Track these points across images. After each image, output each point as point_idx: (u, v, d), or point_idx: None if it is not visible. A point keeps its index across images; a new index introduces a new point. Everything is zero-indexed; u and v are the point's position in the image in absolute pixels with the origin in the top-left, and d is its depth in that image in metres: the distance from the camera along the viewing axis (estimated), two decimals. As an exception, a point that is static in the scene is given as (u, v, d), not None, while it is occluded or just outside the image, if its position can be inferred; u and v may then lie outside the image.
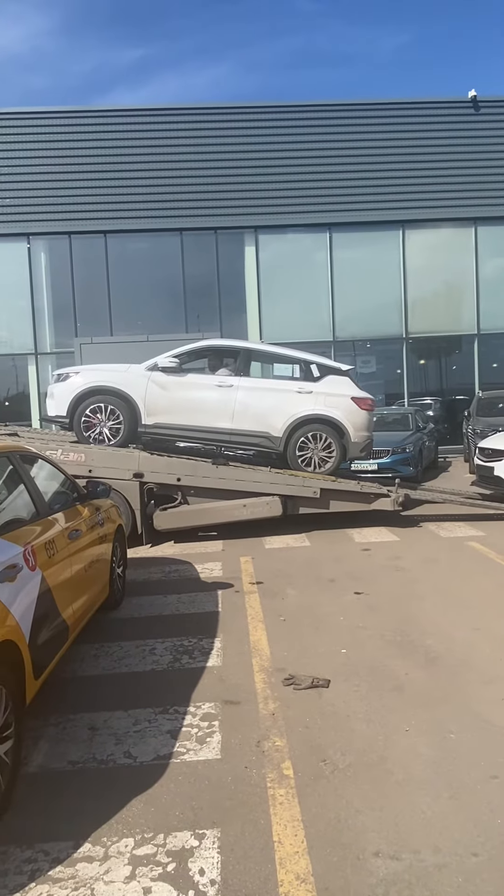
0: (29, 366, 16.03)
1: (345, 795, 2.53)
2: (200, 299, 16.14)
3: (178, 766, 2.78)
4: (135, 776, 2.71)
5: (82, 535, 4.00)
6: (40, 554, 3.19)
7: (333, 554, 6.64)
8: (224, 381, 7.79)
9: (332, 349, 15.93)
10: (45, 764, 2.85)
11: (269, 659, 3.90)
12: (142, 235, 16.00)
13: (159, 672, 3.80)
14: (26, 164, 15.36)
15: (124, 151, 15.58)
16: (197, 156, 15.69)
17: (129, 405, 7.63)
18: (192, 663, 3.89)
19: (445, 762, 2.73)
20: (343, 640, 4.17)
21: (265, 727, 3.08)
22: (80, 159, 15.43)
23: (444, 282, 16.90)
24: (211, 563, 6.36)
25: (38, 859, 2.24)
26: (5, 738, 2.53)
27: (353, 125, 16.10)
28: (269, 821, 2.39)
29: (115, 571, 4.93)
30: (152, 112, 15.86)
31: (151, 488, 7.43)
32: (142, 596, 5.33)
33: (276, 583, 5.58)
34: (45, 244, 15.97)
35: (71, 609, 3.56)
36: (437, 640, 4.09)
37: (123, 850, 2.26)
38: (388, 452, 10.21)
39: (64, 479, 4.38)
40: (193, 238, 16.13)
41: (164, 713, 3.25)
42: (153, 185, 15.60)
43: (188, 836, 2.33)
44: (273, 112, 16.05)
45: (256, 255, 16.27)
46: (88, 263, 15.89)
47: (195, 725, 3.12)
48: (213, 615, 4.77)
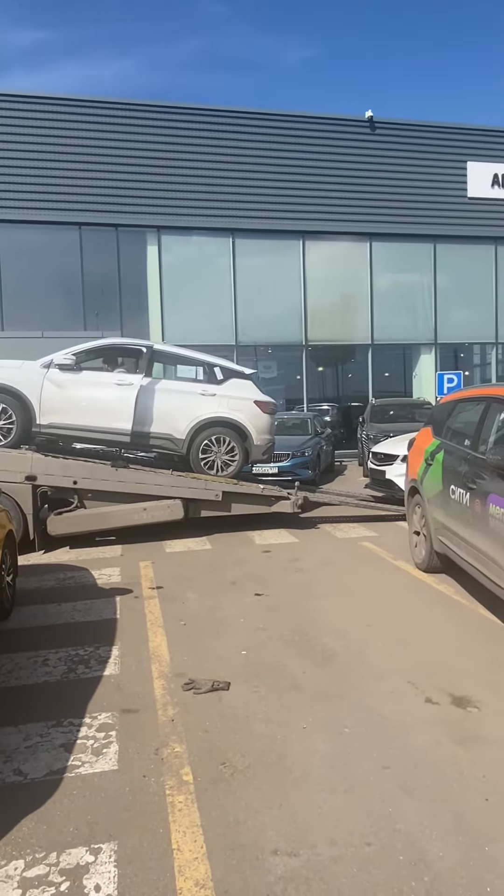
0: None
1: (244, 797, 2.54)
2: (100, 297, 15.71)
3: (72, 780, 2.67)
4: (25, 794, 2.57)
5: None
6: None
7: (234, 556, 6.68)
8: (124, 380, 7.62)
9: (235, 353, 16.07)
10: None
11: (168, 664, 3.85)
12: (37, 227, 15.33)
13: (53, 683, 3.63)
14: None
15: (20, 139, 14.87)
16: (100, 150, 15.28)
17: (22, 404, 7.27)
18: (88, 673, 3.75)
19: (340, 756, 2.82)
20: (243, 641, 4.20)
21: (164, 734, 3.03)
22: None
23: (341, 293, 17.57)
24: (109, 569, 6.19)
25: None
26: None
27: (260, 133, 16.36)
28: (167, 829, 2.35)
29: (4, 580, 4.68)
30: (56, 101, 15.26)
31: (46, 492, 7.12)
32: (34, 605, 5.08)
33: (176, 587, 5.52)
34: None
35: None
36: (333, 639, 4.22)
37: (13, 874, 2.14)
38: (288, 456, 10.44)
39: None
40: (93, 234, 15.68)
41: (57, 726, 3.11)
42: (51, 175, 15.01)
43: (83, 851, 2.24)
44: (180, 113, 15.96)
45: (159, 255, 16.10)
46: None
47: (91, 737, 3.01)
48: (111, 622, 4.64)
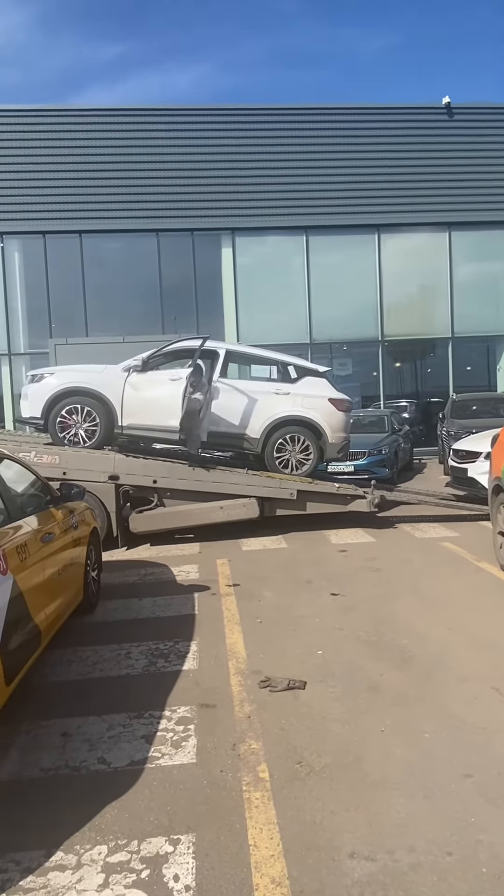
0: (2, 367, 15.80)
1: (320, 797, 2.52)
2: (177, 301, 16.08)
3: (152, 771, 2.75)
4: (109, 782, 2.68)
5: (56, 539, 3.94)
6: (12, 558, 3.13)
7: (310, 555, 6.65)
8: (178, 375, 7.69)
9: (309, 351, 16.00)
10: (16, 771, 2.80)
11: (245, 661, 3.88)
12: (118, 236, 15.89)
13: (134, 676, 3.76)
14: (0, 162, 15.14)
15: (101, 151, 15.45)
16: (174, 157, 15.64)
17: (105, 406, 7.55)
18: (168, 667, 3.85)
19: (420, 762, 2.74)
20: (319, 641, 4.17)
21: (241, 730, 3.06)
22: (55, 158, 15.27)
23: (419, 286, 17.10)
24: (187, 566, 6.33)
25: (8, 869, 2.19)
26: (-25, 746, 2.48)
27: (332, 129, 16.21)
28: (244, 824, 2.37)
29: (90, 575, 4.87)
30: (130, 112, 15.77)
31: (127, 490, 7.37)
32: (117, 599, 5.28)
33: (252, 585, 5.56)
34: (19, 244, 15.78)
35: (44, 613, 3.50)
36: (412, 641, 4.12)
37: (97, 858, 2.23)
38: (365, 454, 10.27)
39: (37, 481, 4.31)
40: (170, 239, 16.07)
41: (138, 718, 3.22)
42: (129, 185, 15.50)
43: (162, 841, 2.30)
44: (252, 114, 16.07)
45: (234, 256, 16.27)
46: (63, 264, 15.72)
47: (170, 730, 3.09)
48: (189, 618, 4.74)
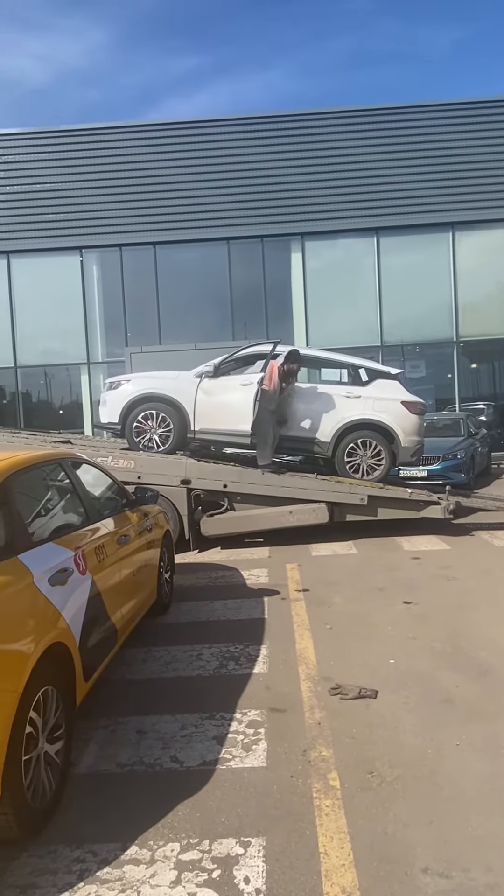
0: (81, 375, 16.47)
1: (392, 809, 2.47)
2: (247, 307, 16.24)
3: (223, 772, 2.78)
4: (181, 781, 2.73)
5: (131, 541, 4.07)
6: (90, 558, 3.26)
7: (382, 562, 6.53)
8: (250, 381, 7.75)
9: (380, 354, 15.74)
10: (93, 765, 2.90)
11: (315, 667, 3.86)
12: (190, 245, 16.24)
13: (206, 677, 3.82)
14: (79, 179, 15.82)
15: (173, 164, 15.86)
16: (243, 165, 15.83)
17: (178, 412, 7.73)
18: (238, 670, 3.89)
19: (498, 779, 2.64)
20: (392, 650, 4.09)
21: (311, 736, 3.05)
22: (131, 173, 15.81)
23: (497, 283, 16.47)
24: (257, 570, 6.36)
25: (86, 859, 2.28)
26: (56, 738, 2.59)
27: (401, 127, 15.92)
28: (314, 831, 2.36)
29: (163, 577, 4.99)
30: (198, 124, 16.10)
31: (199, 494, 7.50)
32: (189, 601, 5.38)
33: (322, 590, 5.53)
34: (97, 257, 16.42)
35: (120, 613, 3.62)
36: (490, 653, 3.96)
37: (169, 855, 2.28)
38: (439, 459, 9.99)
39: (113, 485, 4.47)
40: (240, 247, 16.26)
41: (210, 719, 3.27)
42: (201, 195, 15.81)
43: (233, 843, 2.33)
44: (319, 118, 16.05)
45: (303, 261, 16.27)
46: (138, 274, 16.23)
47: (241, 732, 3.12)
48: (260, 622, 4.77)
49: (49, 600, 2.67)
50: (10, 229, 15.85)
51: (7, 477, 2.84)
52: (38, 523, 3.12)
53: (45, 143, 15.98)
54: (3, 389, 16.87)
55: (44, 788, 2.46)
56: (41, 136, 16.04)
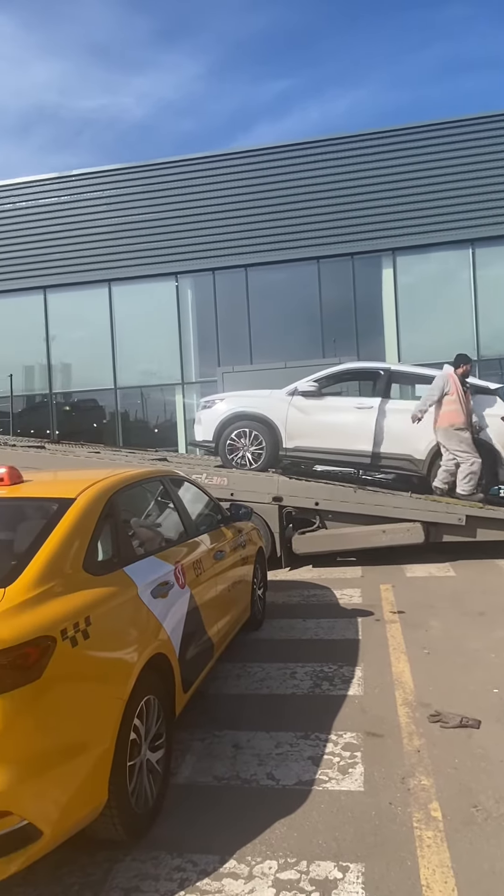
0: (176, 395, 17.05)
1: (500, 846, 2.35)
2: (337, 324, 16.21)
3: (320, 793, 2.75)
4: (277, 799, 2.73)
5: (226, 556, 4.15)
6: (189, 573, 3.36)
7: (482, 586, 6.24)
8: (364, 404, 7.74)
9: (477, 368, 15.13)
10: (191, 777, 2.96)
11: (412, 693, 3.75)
12: (280, 266, 16.47)
13: (300, 696, 3.80)
14: (174, 208, 16.54)
15: (262, 188, 16.21)
16: (332, 185, 15.90)
17: (270, 429, 7.82)
18: (333, 690, 3.84)
19: None
20: (495, 678, 3.89)
21: (410, 764, 2.96)
22: (221, 199, 16.32)
23: None
24: (350, 590, 6.27)
25: (186, 868, 2.33)
26: (157, 747, 2.68)
27: (494, 136, 15.42)
28: (416, 863, 2.28)
29: (256, 593, 5.04)
30: (286, 148, 16.35)
31: (290, 512, 7.52)
32: (281, 619, 5.39)
33: (418, 613, 5.36)
34: (191, 282, 17.02)
35: (216, 627, 3.69)
36: None
37: (267, 872, 2.28)
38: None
39: (209, 501, 4.59)
40: (330, 265, 16.30)
41: (305, 738, 3.25)
42: (290, 217, 16.04)
43: (331, 866, 2.29)
44: (405, 133, 15.84)
45: (394, 276, 16.05)
46: (230, 297, 16.65)
47: (337, 754, 3.08)
48: (353, 643, 4.69)
49: (151, 612, 2.78)
50: (112, 259, 16.77)
51: (114, 493, 3.00)
52: (140, 537, 3.26)
53: (143, 177, 16.83)
54: (104, 410, 17.77)
55: (146, 795, 2.54)
56: (139, 169, 16.92)
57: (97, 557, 2.68)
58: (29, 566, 2.33)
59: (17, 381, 17.11)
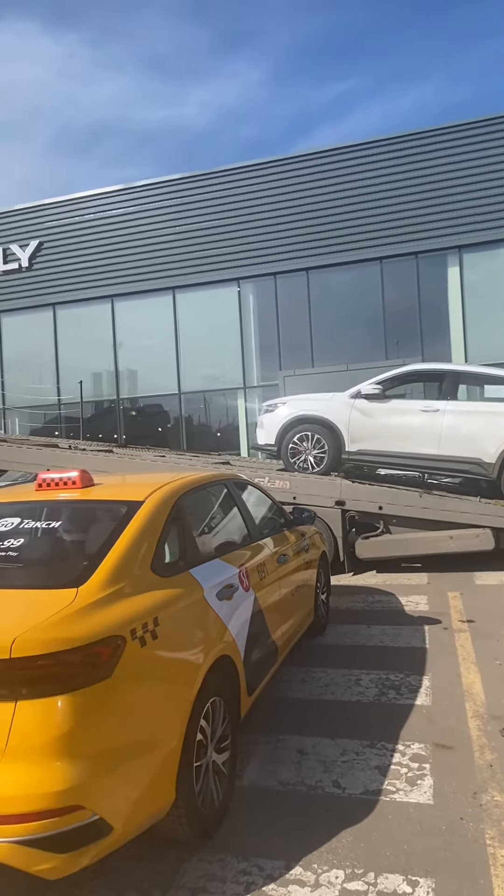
0: (238, 399, 17.19)
1: None
2: (400, 325, 15.91)
3: (387, 804, 2.70)
4: (343, 807, 2.69)
5: (290, 560, 4.14)
6: (253, 576, 3.37)
7: None
8: (430, 406, 7.56)
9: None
10: (256, 780, 2.96)
11: (483, 705, 3.61)
12: (341, 268, 16.34)
13: (365, 704, 3.74)
14: (236, 215, 16.70)
15: (323, 190, 16.14)
16: (395, 183, 15.64)
17: (333, 433, 7.75)
18: (400, 699, 3.76)
19: None
20: None
21: (482, 778, 2.85)
22: (282, 204, 16.35)
23: None
24: (416, 597, 6.12)
25: (252, 872, 2.33)
26: (223, 748, 2.69)
27: None
28: (489, 882, 2.20)
29: (320, 597, 4.99)
30: (346, 149, 16.20)
31: (353, 516, 7.42)
32: (345, 624, 5.32)
33: (489, 623, 5.17)
34: (252, 286, 17.12)
35: (280, 631, 3.69)
36: None
37: (334, 881, 2.25)
38: None
39: (272, 505, 4.59)
40: (393, 265, 16.02)
41: (371, 747, 3.19)
42: (353, 218, 15.88)
43: (400, 880, 2.24)
44: (470, 128, 15.38)
45: (461, 275, 15.60)
46: (292, 300, 16.65)
47: (404, 765, 3.00)
48: (420, 651, 4.58)
49: (217, 614, 2.80)
50: (176, 267, 17.11)
51: (180, 496, 3.05)
52: (206, 540, 3.30)
53: (205, 185, 17.09)
54: (168, 414, 18.13)
55: (212, 796, 2.56)
56: (201, 178, 17.18)
57: (164, 559, 2.72)
58: (100, 567, 2.40)
59: (86, 387, 17.71)
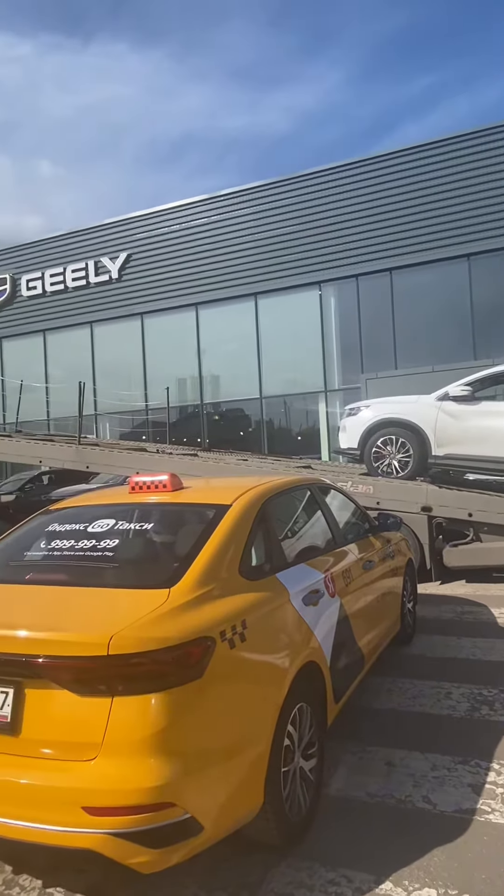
0: (319, 403, 17.10)
1: None
2: (490, 324, 15.25)
3: (482, 825, 2.58)
4: (435, 824, 2.60)
5: (375, 567, 4.06)
6: (338, 582, 3.33)
7: None
8: None
9: None
10: (343, 790, 2.92)
11: None
12: (426, 267, 15.90)
13: (456, 719, 3.60)
14: (317, 218, 16.64)
15: (406, 189, 15.78)
16: (483, 178, 15.05)
17: (418, 436, 7.55)
18: (493, 716, 3.59)
19: None
20: None
21: None
22: (364, 205, 16.14)
23: None
24: (510, 608, 5.84)
25: (340, 883, 2.30)
26: (310, 755, 2.67)
27: None
28: None
29: (406, 606, 4.86)
30: (431, 145, 15.75)
31: (440, 523, 7.18)
32: (433, 635, 5.15)
33: None
34: (334, 289, 17.00)
35: (366, 639, 3.62)
36: None
37: (427, 901, 2.18)
38: None
39: (357, 510, 4.52)
40: (482, 261, 15.41)
41: (463, 764, 3.06)
42: (438, 215, 15.43)
43: (498, 906, 2.13)
44: None
45: None
46: (374, 302, 16.38)
47: (500, 784, 2.86)
48: (516, 666, 4.35)
49: (303, 619, 2.79)
50: (258, 273, 17.28)
51: (266, 500, 3.07)
52: (291, 544, 3.30)
53: (286, 190, 17.15)
54: (250, 418, 18.32)
55: (299, 803, 2.55)
56: (281, 183, 17.25)
57: (251, 563, 2.74)
58: (190, 569, 2.45)
59: (171, 392, 18.21)
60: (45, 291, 20.10)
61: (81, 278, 19.53)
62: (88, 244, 19.55)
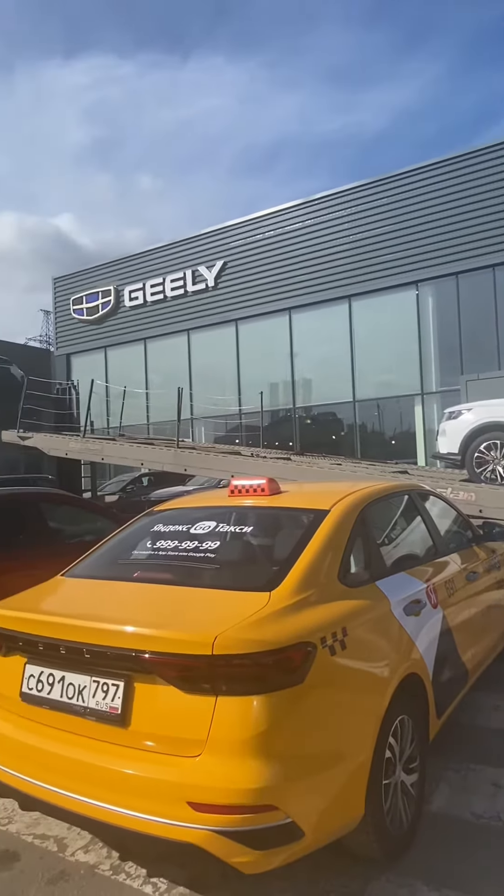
0: (415, 406, 16.61)
1: None
2: None
3: None
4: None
5: (479, 578, 3.88)
6: (440, 592, 3.21)
7: None
8: None
9: None
10: (446, 808, 2.81)
11: None
12: (535, 260, 15.05)
13: None
14: (414, 217, 16.20)
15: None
16: None
17: (525, 442, 7.16)
18: None
19: None
20: None
21: None
22: (462, 200, 15.51)
23: None
24: None
25: (444, 904, 2.21)
26: (412, 769, 2.60)
27: None
28: None
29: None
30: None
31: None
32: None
33: None
34: (432, 288, 16.48)
35: (470, 653, 3.47)
36: None
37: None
38: None
39: (459, 518, 4.34)
40: None
41: None
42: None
43: None
44: None
45: None
46: (475, 300, 15.71)
47: None
48: None
49: (404, 629, 2.72)
50: (352, 275, 17.08)
51: (365, 506, 3.02)
52: (390, 552, 3.23)
53: (380, 190, 16.82)
54: (342, 422, 18.12)
55: (400, 817, 2.48)
56: (375, 184, 16.93)
57: (350, 569, 2.71)
58: (290, 573, 2.46)
59: (264, 396, 18.39)
60: (146, 301, 20.93)
61: (179, 287, 20.17)
62: (186, 254, 20.16)
